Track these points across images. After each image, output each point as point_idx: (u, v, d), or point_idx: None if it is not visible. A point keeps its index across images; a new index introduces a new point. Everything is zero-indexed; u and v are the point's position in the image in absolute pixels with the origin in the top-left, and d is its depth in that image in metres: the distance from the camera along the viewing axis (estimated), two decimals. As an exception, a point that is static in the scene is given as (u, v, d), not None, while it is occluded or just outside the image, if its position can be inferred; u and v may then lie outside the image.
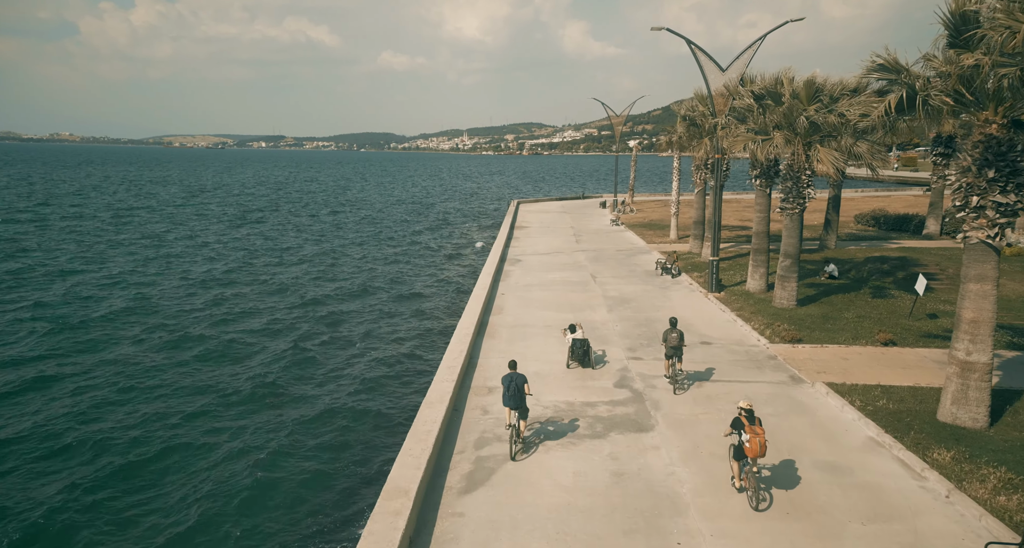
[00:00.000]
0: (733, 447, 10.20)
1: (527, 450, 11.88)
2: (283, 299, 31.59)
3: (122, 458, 15.41)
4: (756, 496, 9.77)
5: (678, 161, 38.80)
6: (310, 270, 39.14)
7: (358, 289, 33.70)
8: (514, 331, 19.82)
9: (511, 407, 11.66)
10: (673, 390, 14.55)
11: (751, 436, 9.61)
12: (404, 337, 25.50)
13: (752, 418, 9.84)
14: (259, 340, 24.89)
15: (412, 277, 36.99)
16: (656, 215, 52.67)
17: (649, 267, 30.46)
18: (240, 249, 46.64)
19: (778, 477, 10.66)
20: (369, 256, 44.76)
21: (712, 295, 24.05)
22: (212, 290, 33.08)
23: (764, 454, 9.63)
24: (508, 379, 11.71)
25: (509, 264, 31.57)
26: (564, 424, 13.00)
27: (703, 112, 29.22)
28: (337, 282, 35.59)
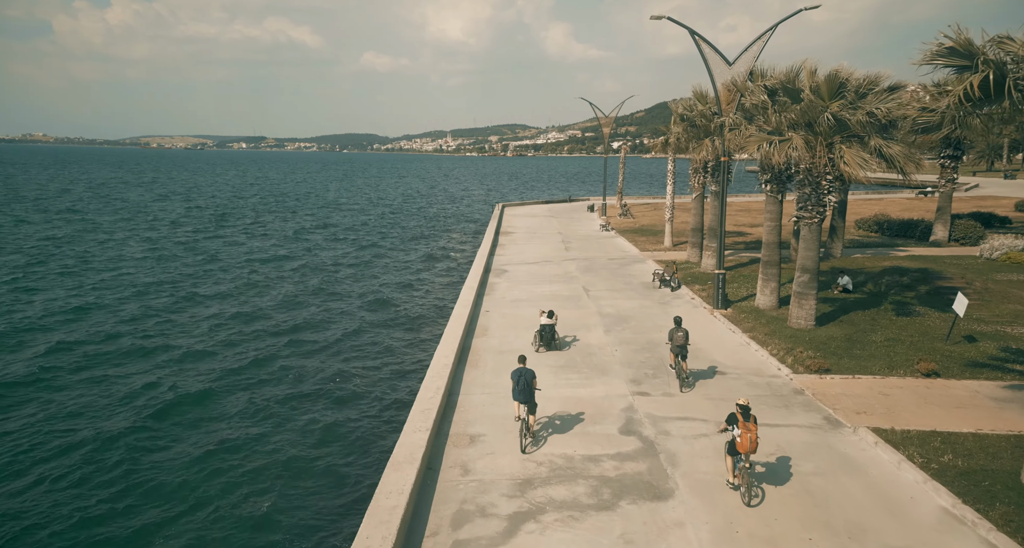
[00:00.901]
0: (728, 443, 10.41)
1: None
2: (230, 313, 28.86)
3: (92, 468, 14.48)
4: (748, 492, 9.99)
5: (673, 164, 36.63)
6: (272, 282, 36.36)
7: (324, 307, 30.66)
8: (501, 358, 17.37)
9: (520, 401, 12.07)
10: (679, 387, 14.97)
11: (743, 432, 9.84)
12: (372, 370, 22.01)
13: (747, 414, 10.02)
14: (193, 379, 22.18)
15: (386, 292, 33.97)
16: (647, 220, 50.53)
17: (646, 278, 28.18)
18: (193, 264, 43.69)
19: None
20: (342, 267, 42.01)
21: (718, 312, 21.81)
22: (149, 319, 30.25)
23: (755, 450, 9.91)
24: (517, 374, 12.08)
25: (494, 275, 29.12)
26: (563, 488, 10.58)
27: (703, 111, 27.03)
28: (303, 297, 32.70)
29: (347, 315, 29.16)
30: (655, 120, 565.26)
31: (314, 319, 28.27)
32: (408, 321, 28.20)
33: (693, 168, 30.87)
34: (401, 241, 53.05)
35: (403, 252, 47.59)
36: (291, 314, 29.14)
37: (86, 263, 40.38)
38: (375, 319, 28.48)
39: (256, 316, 28.82)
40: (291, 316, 28.79)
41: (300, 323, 27.74)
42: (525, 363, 12.44)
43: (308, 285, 35.49)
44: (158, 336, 25.39)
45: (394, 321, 28.21)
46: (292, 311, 29.74)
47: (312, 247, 49.42)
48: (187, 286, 34.45)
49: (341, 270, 40.09)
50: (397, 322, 28.08)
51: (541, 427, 12.97)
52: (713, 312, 21.91)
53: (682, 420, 13.17)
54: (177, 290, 33.42)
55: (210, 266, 40.56)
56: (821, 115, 16.89)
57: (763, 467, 11.03)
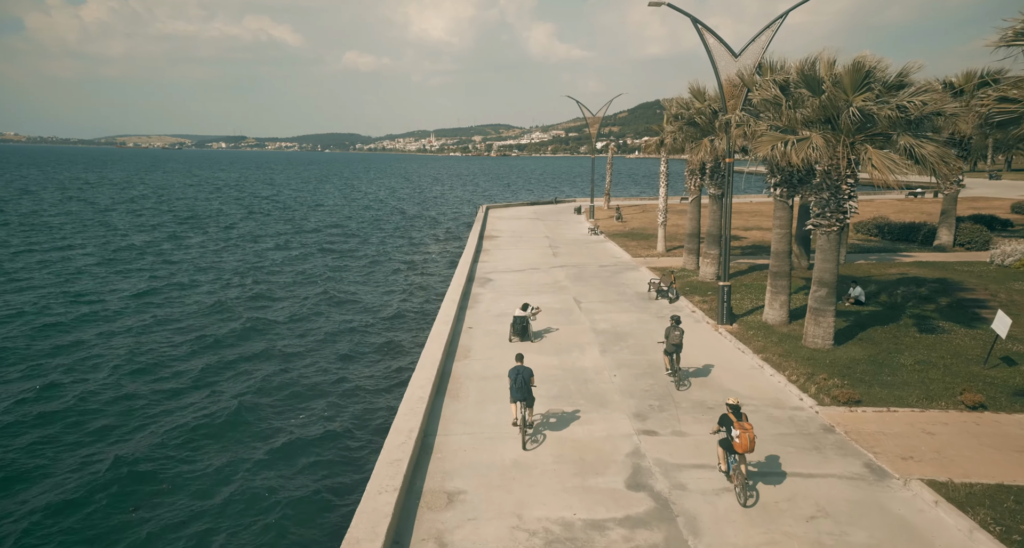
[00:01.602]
0: (721, 440, 10.38)
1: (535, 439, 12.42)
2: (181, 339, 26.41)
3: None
4: (744, 493, 9.88)
5: (665, 165, 34.78)
6: (227, 294, 33.88)
7: (289, 325, 27.47)
8: (485, 386, 15.28)
9: (519, 398, 12.09)
10: (676, 386, 14.96)
11: (740, 432, 9.73)
12: (336, 407, 18.41)
13: (739, 413, 9.99)
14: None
15: (360, 305, 31.14)
16: (637, 222, 48.70)
17: (640, 288, 26.25)
18: (153, 271, 41.01)
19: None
20: (312, 277, 39.57)
21: (723, 328, 19.91)
22: (96, 326, 27.69)
23: (753, 449, 9.82)
24: (515, 372, 12.19)
25: (478, 285, 27.01)
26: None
27: (701, 109, 25.15)
28: (263, 313, 29.77)
29: (312, 334, 26.02)
30: (638, 120, 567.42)
31: (273, 339, 25.25)
32: (382, 340, 25.63)
33: (689, 170, 29.02)
34: (378, 246, 50.55)
35: (380, 259, 45.22)
36: (244, 328, 26.63)
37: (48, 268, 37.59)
38: (344, 338, 25.71)
39: (205, 332, 26.40)
40: (244, 331, 26.25)
41: (252, 340, 25.24)
42: (523, 361, 12.54)
43: (274, 296, 33.07)
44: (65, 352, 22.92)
45: (366, 340, 25.45)
46: (245, 324, 27.29)
47: (279, 253, 46.85)
48: (115, 307, 31.89)
49: (310, 280, 37.66)
50: (369, 341, 25.37)
51: (535, 478, 10.94)
52: (718, 328, 20.02)
53: (699, 469, 11.18)
54: (107, 309, 30.85)
55: (160, 281, 37.95)
56: (844, 111, 15.02)
57: (755, 467, 11.06)
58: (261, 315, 28.67)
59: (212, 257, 43.69)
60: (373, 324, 27.63)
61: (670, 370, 15.14)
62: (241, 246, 48.97)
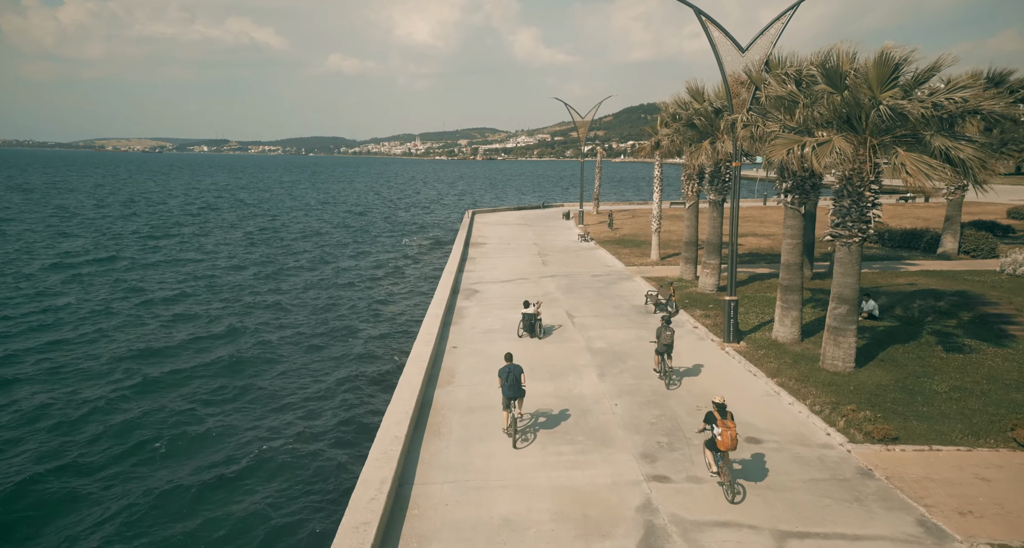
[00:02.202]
0: (707, 440, 10.46)
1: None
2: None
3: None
4: (731, 489, 10.07)
5: (660, 169, 33.25)
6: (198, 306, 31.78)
7: (256, 342, 25.32)
8: (471, 420, 13.50)
9: (511, 396, 12.14)
10: (666, 385, 15.12)
11: (723, 429, 9.87)
12: (301, 447, 16.26)
13: (724, 412, 10.10)
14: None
15: (335, 322, 28.73)
16: (628, 228, 47.13)
17: (637, 300, 24.60)
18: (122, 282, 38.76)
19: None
20: (288, 290, 37.54)
21: (730, 347, 18.28)
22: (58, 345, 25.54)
23: (736, 447, 9.98)
24: (506, 371, 12.28)
25: (463, 298, 25.20)
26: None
27: (700, 109, 23.60)
28: (227, 326, 27.40)
29: (278, 358, 23.67)
30: (623, 124, 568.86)
31: (235, 360, 22.96)
32: (357, 363, 23.34)
33: (686, 174, 27.48)
34: (357, 255, 48.44)
35: (359, 269, 43.23)
36: (205, 349, 24.63)
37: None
38: (313, 361, 23.53)
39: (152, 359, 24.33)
40: (204, 352, 24.28)
41: (213, 352, 23.27)
42: (512, 360, 12.74)
43: (238, 308, 31.00)
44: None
45: (340, 364, 23.26)
46: (208, 345, 25.27)
47: (249, 260, 44.69)
48: (88, 319, 29.70)
49: (283, 293, 35.62)
50: (343, 365, 23.15)
51: (530, 542, 9.17)
52: (724, 346, 18.38)
53: (723, 528, 9.47)
54: (73, 318, 28.67)
55: (120, 302, 35.72)
56: (869, 109, 13.47)
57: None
58: (227, 325, 26.63)
59: (182, 266, 41.45)
60: (348, 343, 25.59)
61: (659, 370, 15.54)
62: (213, 252, 46.71)
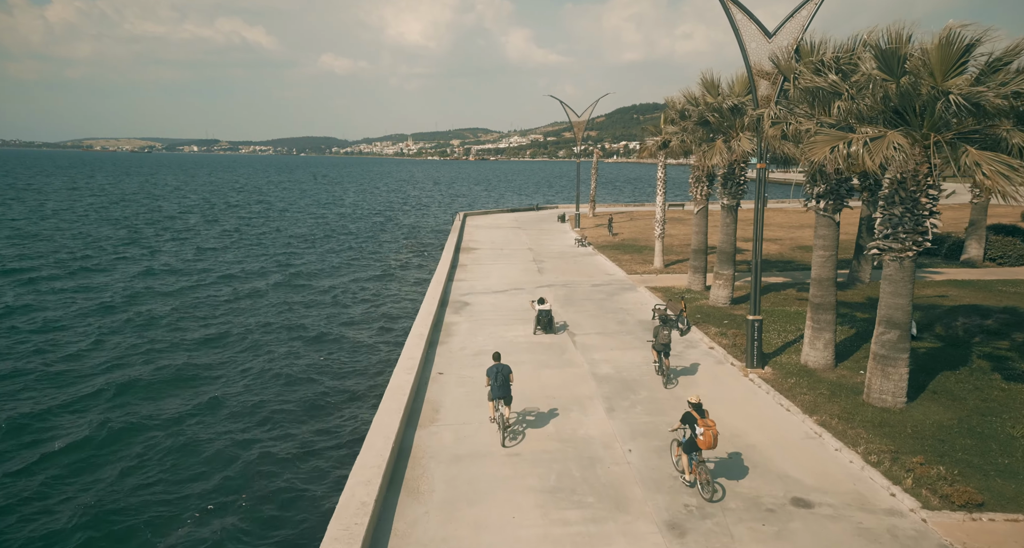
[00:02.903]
0: (679, 442, 10.54)
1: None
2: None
3: None
4: (709, 487, 9.94)
5: (663, 171, 31.07)
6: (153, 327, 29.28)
7: (209, 372, 22.20)
8: (458, 473, 11.22)
9: (499, 396, 12.10)
10: (664, 383, 15.05)
11: (704, 429, 9.74)
12: (262, 502, 13.62)
13: (701, 411, 9.96)
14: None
15: (309, 343, 25.52)
16: (627, 232, 44.93)
17: (642, 314, 22.40)
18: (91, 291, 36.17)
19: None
20: (255, 305, 35.05)
21: (754, 373, 16.08)
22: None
23: (716, 446, 9.89)
24: (494, 370, 12.24)
25: (452, 312, 22.90)
26: None
27: (713, 105, 21.39)
28: (176, 351, 24.57)
29: (236, 386, 20.58)
30: (616, 125, 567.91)
31: (186, 395, 19.87)
32: (326, 395, 19.98)
33: (695, 176, 25.31)
34: (339, 262, 45.64)
35: (340, 277, 40.76)
36: (147, 389, 22.10)
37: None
38: (276, 391, 20.14)
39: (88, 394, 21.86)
40: (147, 396, 21.75)
41: (152, 405, 20.80)
42: (500, 360, 12.68)
43: (199, 321, 28.55)
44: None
45: (305, 396, 19.83)
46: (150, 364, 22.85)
47: (216, 269, 42.18)
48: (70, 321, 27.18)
49: (251, 305, 33.14)
50: (308, 399, 19.59)
51: None
52: (747, 373, 16.18)
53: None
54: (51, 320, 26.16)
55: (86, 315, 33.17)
56: (934, 99, 11.28)
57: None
58: (175, 353, 24.17)
59: (147, 277, 38.91)
60: (319, 370, 22.34)
61: (658, 364, 15.59)
62: (184, 260, 44.15)
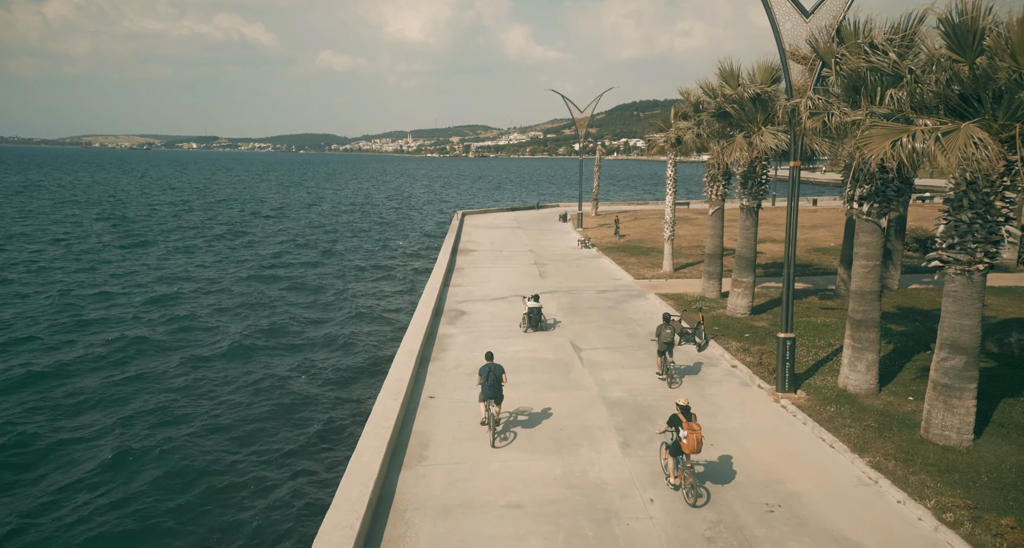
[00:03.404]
0: (666, 445, 10.19)
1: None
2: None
3: None
4: (693, 492, 9.72)
5: (673, 168, 29.14)
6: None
7: (163, 398, 20.27)
8: (448, 531, 9.33)
9: (490, 396, 11.91)
10: (668, 384, 14.78)
11: (689, 432, 9.56)
12: None
13: (688, 414, 9.79)
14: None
15: (288, 359, 23.24)
16: (632, 232, 42.99)
17: (654, 325, 20.48)
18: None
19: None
20: (224, 318, 33.05)
21: (786, 398, 14.19)
22: None
23: (700, 450, 9.61)
24: (486, 369, 11.99)
25: (447, 322, 21.01)
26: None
27: (733, 96, 19.43)
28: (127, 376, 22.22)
29: (200, 408, 18.66)
30: (616, 122, 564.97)
31: (126, 432, 17.48)
32: (301, 426, 17.54)
33: (709, 174, 23.40)
34: (327, 265, 43.30)
35: (327, 281, 38.82)
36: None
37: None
38: (246, 424, 17.49)
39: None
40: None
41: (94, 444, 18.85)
42: (492, 359, 12.41)
43: (168, 341, 26.62)
44: None
45: (279, 428, 17.39)
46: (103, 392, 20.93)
47: (187, 276, 40.22)
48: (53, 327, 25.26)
49: (220, 316, 31.17)
50: (281, 432, 17.15)
51: None
52: (778, 398, 14.28)
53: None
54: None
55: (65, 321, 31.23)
56: (1020, 85, 9.37)
57: (702, 466, 10.72)
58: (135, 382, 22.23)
59: (120, 280, 36.98)
60: (297, 395, 19.47)
61: (661, 372, 15.37)
62: (157, 266, 42.21)
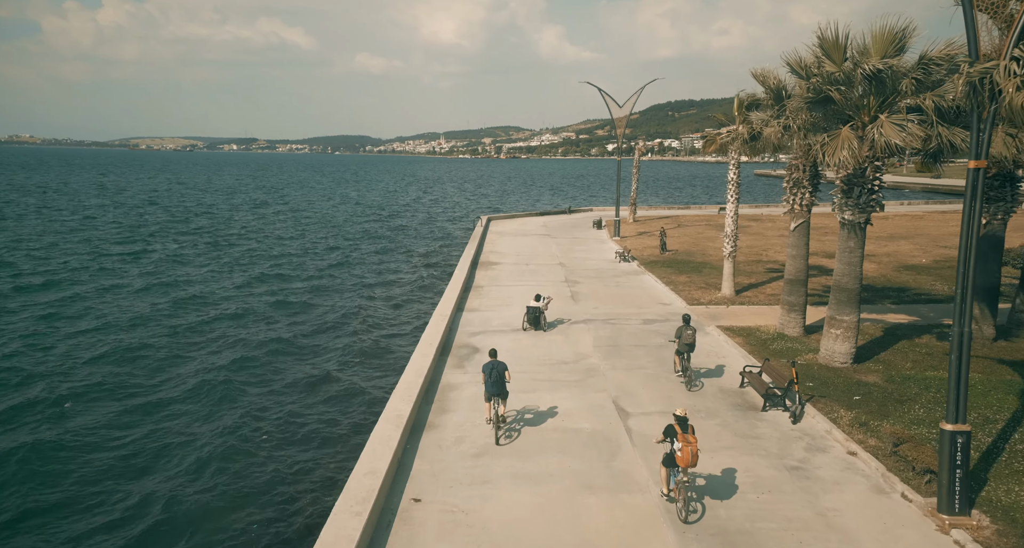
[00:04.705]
0: (665, 455, 9.68)
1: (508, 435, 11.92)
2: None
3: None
4: (686, 507, 9.29)
5: (736, 170, 24.05)
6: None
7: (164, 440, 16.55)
8: None
9: (493, 393, 11.86)
10: (687, 386, 14.36)
11: (683, 445, 9.15)
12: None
13: (685, 426, 9.38)
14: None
15: (256, 421, 18.72)
16: (675, 242, 37.78)
17: (724, 377, 15.58)
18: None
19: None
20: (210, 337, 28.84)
21: (959, 525, 9.21)
22: None
23: (695, 464, 9.18)
24: (489, 367, 11.91)
25: (454, 365, 16.48)
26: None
27: (836, 75, 14.27)
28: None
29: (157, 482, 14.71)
30: (650, 122, 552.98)
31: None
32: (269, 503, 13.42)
33: (793, 178, 18.36)
34: (331, 282, 38.80)
35: (314, 301, 34.63)
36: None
37: None
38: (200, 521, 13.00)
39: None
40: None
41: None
42: (496, 356, 12.27)
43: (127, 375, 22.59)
44: None
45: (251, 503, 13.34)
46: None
47: (186, 285, 36.42)
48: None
49: (188, 364, 27.10)
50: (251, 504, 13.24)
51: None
52: (946, 525, 9.29)
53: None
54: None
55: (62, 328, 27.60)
56: None
57: (704, 479, 10.26)
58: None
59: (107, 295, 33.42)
60: (264, 476, 14.51)
61: (679, 370, 14.87)
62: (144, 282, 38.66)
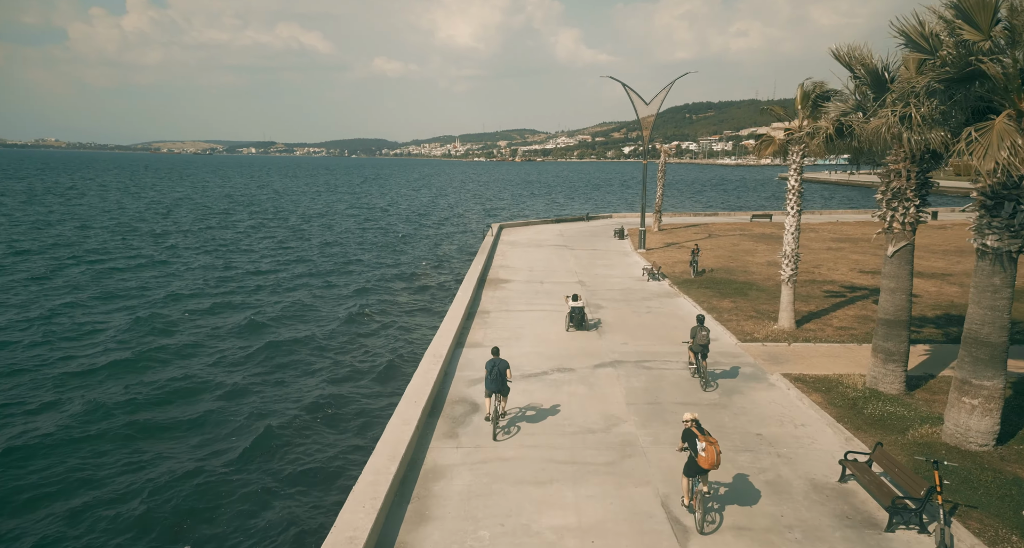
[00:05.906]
0: (686, 463, 9.33)
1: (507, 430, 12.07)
2: None
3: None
4: (705, 518, 9.15)
5: (797, 177, 19.70)
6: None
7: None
8: None
9: (493, 390, 12.04)
10: (702, 386, 14.42)
11: (706, 444, 8.94)
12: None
13: (701, 428, 9.22)
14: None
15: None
16: (710, 256, 33.32)
17: (806, 463, 11.36)
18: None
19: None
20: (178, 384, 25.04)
21: None
22: None
23: (719, 465, 8.98)
24: (491, 364, 12.11)
25: (444, 434, 12.45)
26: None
27: (982, 47, 10.02)
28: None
29: None
30: (667, 125, 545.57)
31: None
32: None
33: (892, 188, 14.03)
34: (308, 311, 34.11)
35: (294, 348, 30.70)
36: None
37: None
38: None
39: None
40: None
41: None
42: (499, 354, 12.54)
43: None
44: None
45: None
46: None
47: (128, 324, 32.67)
48: None
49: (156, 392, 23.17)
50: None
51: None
52: None
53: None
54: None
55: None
56: None
57: (726, 487, 10.00)
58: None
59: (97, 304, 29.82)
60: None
61: (695, 365, 14.84)
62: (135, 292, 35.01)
